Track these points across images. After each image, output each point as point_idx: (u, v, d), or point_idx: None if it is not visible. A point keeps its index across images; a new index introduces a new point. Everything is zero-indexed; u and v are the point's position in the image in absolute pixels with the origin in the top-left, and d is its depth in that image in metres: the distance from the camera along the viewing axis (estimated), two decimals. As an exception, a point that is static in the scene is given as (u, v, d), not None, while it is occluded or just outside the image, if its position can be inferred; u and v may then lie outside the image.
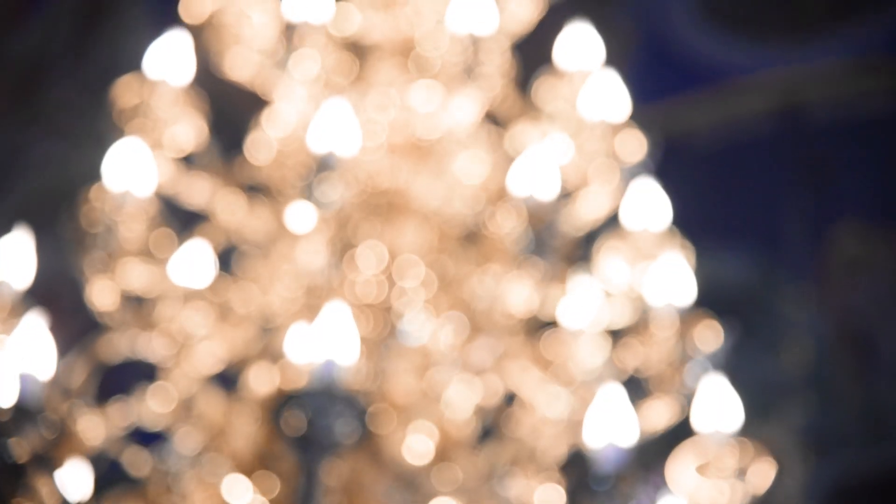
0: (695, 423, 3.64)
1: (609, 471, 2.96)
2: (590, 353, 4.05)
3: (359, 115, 4.09)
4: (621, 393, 3.40)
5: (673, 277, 3.86)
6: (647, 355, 3.81)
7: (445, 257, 4.05)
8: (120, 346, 3.74)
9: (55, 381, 3.49)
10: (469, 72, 3.96)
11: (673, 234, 4.07)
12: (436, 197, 4.12)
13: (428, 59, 4.13)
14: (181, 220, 3.91)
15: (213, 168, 4.02)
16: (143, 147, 3.84)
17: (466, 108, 4.08)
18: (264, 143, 4.10)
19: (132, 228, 3.70)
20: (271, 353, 3.93)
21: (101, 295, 3.67)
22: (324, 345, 3.10)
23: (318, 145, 3.62)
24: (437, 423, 3.78)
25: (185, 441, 3.73)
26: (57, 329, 3.26)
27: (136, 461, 3.71)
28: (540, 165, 3.80)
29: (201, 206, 3.99)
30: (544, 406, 3.83)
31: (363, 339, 3.89)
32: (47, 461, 3.10)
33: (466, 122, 4.13)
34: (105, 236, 3.63)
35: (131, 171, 3.77)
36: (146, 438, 3.84)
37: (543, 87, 4.32)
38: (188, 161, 4.01)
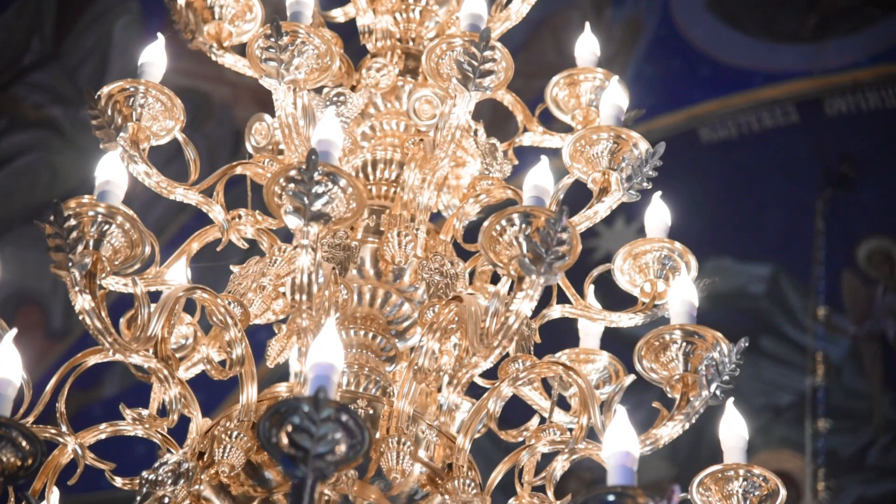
0: (708, 438, 3.54)
1: (618, 482, 2.81)
2: (597, 362, 4.02)
3: (356, 116, 4.02)
4: (630, 404, 3.31)
5: (686, 289, 3.77)
6: (657, 367, 3.70)
7: (444, 264, 3.96)
8: (104, 355, 3.62)
9: (33, 392, 3.41)
10: (469, 73, 3.85)
11: (685, 245, 3.97)
12: (434, 201, 4.04)
13: (427, 58, 4.03)
14: (169, 223, 3.83)
15: (201, 169, 3.95)
16: (128, 150, 3.77)
17: (465, 110, 3.99)
18: (256, 141, 4.07)
19: (117, 234, 3.57)
20: (262, 362, 3.84)
21: (85, 303, 3.53)
22: (317, 354, 2.95)
23: (312, 143, 3.52)
24: (436, 435, 3.66)
25: (174, 453, 3.61)
26: (37, 338, 3.15)
27: (123, 473, 3.62)
28: (543, 171, 3.71)
29: (189, 209, 3.92)
30: (548, 415, 3.72)
31: (360, 348, 3.81)
32: (23, 475, 2.96)
33: (466, 125, 4.06)
34: (88, 242, 3.49)
35: (117, 174, 3.65)
36: (133, 450, 3.75)
37: (549, 92, 4.34)
38: (175, 162, 3.94)
